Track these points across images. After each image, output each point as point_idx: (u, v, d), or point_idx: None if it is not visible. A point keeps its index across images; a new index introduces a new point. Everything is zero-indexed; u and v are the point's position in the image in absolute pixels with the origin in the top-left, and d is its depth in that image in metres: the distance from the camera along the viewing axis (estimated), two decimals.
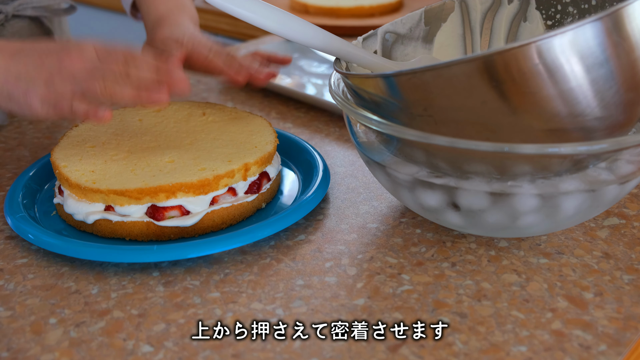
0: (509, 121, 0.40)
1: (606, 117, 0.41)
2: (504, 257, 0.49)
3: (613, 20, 0.38)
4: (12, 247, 0.52)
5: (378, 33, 0.58)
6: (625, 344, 0.41)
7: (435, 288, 0.46)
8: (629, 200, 0.57)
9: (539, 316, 0.43)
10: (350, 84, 0.47)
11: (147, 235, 0.51)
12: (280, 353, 0.41)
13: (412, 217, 0.55)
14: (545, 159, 0.43)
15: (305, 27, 0.50)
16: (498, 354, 0.40)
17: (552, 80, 0.38)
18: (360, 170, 0.63)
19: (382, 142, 0.50)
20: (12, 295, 0.46)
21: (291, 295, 0.46)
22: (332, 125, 0.75)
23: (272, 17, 0.49)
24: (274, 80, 0.69)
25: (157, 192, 0.50)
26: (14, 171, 0.65)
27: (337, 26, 1.20)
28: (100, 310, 0.45)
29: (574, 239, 0.52)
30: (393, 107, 0.44)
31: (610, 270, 0.48)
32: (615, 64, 0.39)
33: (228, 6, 0.48)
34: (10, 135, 0.73)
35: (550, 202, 0.44)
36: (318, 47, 0.51)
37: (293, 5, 1.36)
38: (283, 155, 0.64)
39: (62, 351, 0.41)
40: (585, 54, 0.38)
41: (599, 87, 0.39)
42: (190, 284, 0.47)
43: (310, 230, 0.53)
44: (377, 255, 0.50)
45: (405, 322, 0.43)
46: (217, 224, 0.52)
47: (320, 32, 0.51)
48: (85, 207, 0.51)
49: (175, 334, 0.42)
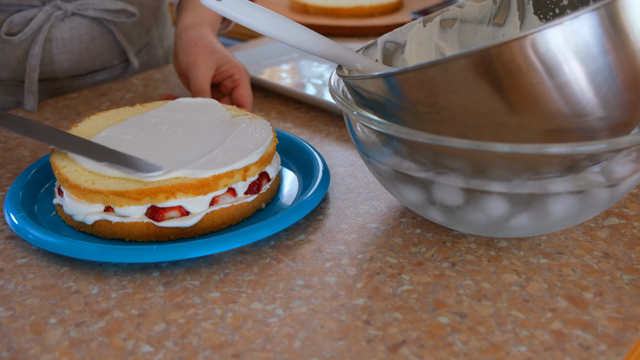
0: (511, 120, 0.40)
1: (608, 117, 0.41)
2: (504, 257, 0.49)
3: (608, 11, 0.38)
4: (12, 247, 0.52)
5: (378, 43, 0.58)
6: (625, 344, 0.41)
7: (435, 288, 0.46)
8: (629, 200, 0.57)
9: (539, 316, 0.43)
10: (350, 83, 0.47)
11: (146, 236, 0.51)
12: (280, 353, 0.41)
13: (412, 217, 0.55)
14: (545, 159, 0.43)
15: (305, 34, 0.50)
16: (498, 354, 0.40)
17: (548, 73, 0.38)
18: (360, 170, 0.63)
19: (382, 142, 0.50)
20: (12, 295, 0.46)
21: (291, 295, 0.46)
22: (332, 125, 0.75)
23: (270, 22, 0.49)
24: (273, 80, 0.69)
25: (157, 192, 0.50)
26: (14, 171, 0.65)
27: (337, 26, 1.20)
28: (100, 310, 0.45)
29: (574, 239, 0.52)
30: (394, 106, 0.44)
31: (610, 270, 0.48)
32: (612, 58, 0.39)
33: (222, 9, 0.48)
34: (10, 135, 0.73)
35: (535, 202, 0.44)
36: (318, 54, 0.51)
37: (293, 5, 1.36)
38: (283, 155, 0.64)
39: (62, 351, 0.41)
40: (580, 47, 0.38)
41: (597, 82, 0.39)
42: (190, 284, 0.47)
43: (310, 230, 0.54)
44: (377, 255, 0.50)
45: (405, 322, 0.43)
46: (217, 224, 0.52)
47: (322, 39, 0.50)
48: (84, 207, 0.51)
49: (175, 334, 0.42)
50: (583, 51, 0.38)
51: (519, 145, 0.40)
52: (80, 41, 0.84)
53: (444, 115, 0.42)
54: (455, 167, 0.44)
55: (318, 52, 0.51)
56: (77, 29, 0.83)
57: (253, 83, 0.86)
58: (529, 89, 0.39)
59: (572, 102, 0.39)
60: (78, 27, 0.83)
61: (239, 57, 0.96)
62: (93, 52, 0.87)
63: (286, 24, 0.50)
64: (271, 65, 0.96)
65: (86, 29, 0.84)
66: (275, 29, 0.49)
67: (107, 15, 0.84)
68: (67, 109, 0.82)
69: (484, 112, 0.41)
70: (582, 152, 0.40)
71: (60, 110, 0.81)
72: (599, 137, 0.42)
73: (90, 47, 0.86)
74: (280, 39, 0.49)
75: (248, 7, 0.48)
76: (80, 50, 0.85)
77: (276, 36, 0.49)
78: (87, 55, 0.86)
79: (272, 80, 0.86)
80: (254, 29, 0.49)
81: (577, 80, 0.39)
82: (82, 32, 0.84)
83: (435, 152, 0.44)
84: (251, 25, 0.49)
